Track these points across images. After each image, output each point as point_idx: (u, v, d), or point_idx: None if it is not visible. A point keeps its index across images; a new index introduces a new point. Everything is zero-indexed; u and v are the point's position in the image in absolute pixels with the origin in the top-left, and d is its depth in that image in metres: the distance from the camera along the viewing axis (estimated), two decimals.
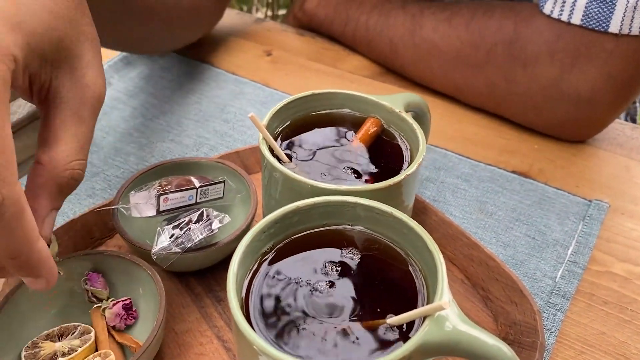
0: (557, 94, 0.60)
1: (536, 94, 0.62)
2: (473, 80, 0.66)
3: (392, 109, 0.45)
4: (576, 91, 0.59)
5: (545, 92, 0.61)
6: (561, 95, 0.60)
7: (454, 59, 0.66)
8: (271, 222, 0.36)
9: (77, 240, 0.50)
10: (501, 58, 0.62)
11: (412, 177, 0.40)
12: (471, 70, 0.65)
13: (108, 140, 0.65)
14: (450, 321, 0.30)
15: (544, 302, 0.49)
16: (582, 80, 0.58)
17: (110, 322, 0.42)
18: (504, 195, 0.59)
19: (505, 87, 0.63)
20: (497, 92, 0.64)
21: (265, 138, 0.41)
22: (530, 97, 0.62)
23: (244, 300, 0.34)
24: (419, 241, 0.35)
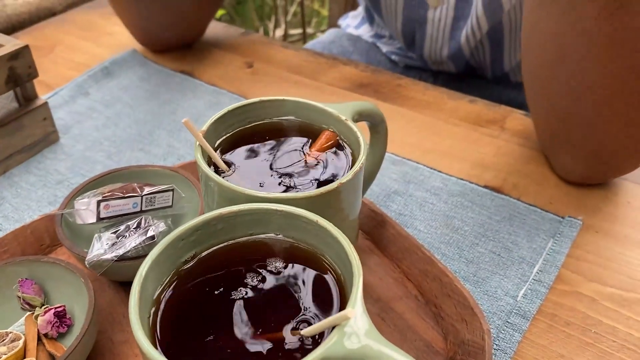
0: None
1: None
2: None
3: (340, 117, 0.44)
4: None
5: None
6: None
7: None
8: (190, 229, 0.35)
9: (26, 246, 0.50)
10: None
11: (348, 186, 0.39)
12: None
13: (77, 148, 0.65)
14: (357, 335, 0.29)
15: (502, 322, 0.47)
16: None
17: (42, 330, 0.42)
18: (472, 210, 0.57)
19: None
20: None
21: (202, 144, 0.40)
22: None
23: (154, 313, 0.32)
24: (341, 250, 0.34)
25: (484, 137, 0.66)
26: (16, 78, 0.59)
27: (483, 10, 0.79)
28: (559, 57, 0.50)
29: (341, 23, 1.16)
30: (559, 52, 0.50)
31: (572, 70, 0.50)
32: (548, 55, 0.52)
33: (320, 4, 2.45)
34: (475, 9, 0.80)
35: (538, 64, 0.54)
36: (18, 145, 0.61)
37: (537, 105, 0.59)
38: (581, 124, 0.53)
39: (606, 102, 0.49)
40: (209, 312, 0.33)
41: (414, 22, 0.87)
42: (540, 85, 0.56)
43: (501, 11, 0.80)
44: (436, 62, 0.93)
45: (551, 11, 0.49)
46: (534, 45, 0.54)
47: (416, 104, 0.72)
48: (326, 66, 0.79)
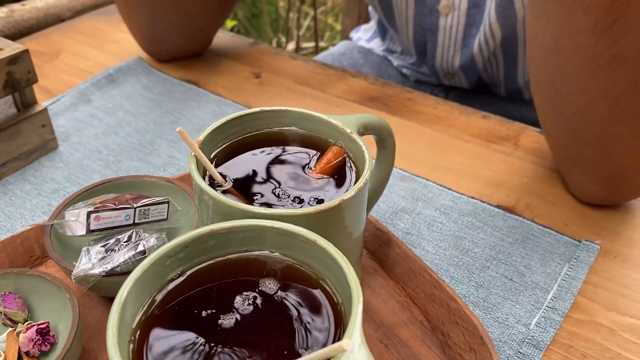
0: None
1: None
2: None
3: (344, 130, 0.41)
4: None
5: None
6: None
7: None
8: (179, 246, 0.32)
9: (14, 257, 0.48)
10: None
11: (351, 203, 0.36)
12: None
13: (76, 156, 0.63)
14: None
15: (513, 352, 0.44)
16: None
17: (23, 347, 0.39)
18: (484, 231, 0.54)
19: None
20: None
21: (197, 155, 0.38)
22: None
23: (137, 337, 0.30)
24: (341, 274, 0.31)
25: (496, 155, 0.64)
26: (14, 83, 0.57)
27: (496, 17, 0.77)
28: (559, 72, 0.48)
29: (353, 36, 1.14)
30: (558, 66, 0.47)
31: (573, 85, 0.47)
32: (548, 69, 0.49)
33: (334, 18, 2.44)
34: (488, 16, 0.78)
35: (541, 79, 0.52)
36: (14, 152, 0.59)
37: (547, 122, 0.56)
38: (592, 142, 0.50)
39: (613, 119, 0.46)
40: (195, 337, 0.30)
41: (426, 30, 0.85)
42: (546, 101, 0.53)
43: (515, 19, 0.78)
44: (448, 74, 0.91)
45: (548, 23, 0.46)
46: (535, 58, 0.51)
47: (426, 119, 0.69)
48: (335, 78, 0.77)
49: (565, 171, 0.57)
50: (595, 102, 0.46)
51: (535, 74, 0.52)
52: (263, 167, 0.41)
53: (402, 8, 0.85)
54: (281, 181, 0.40)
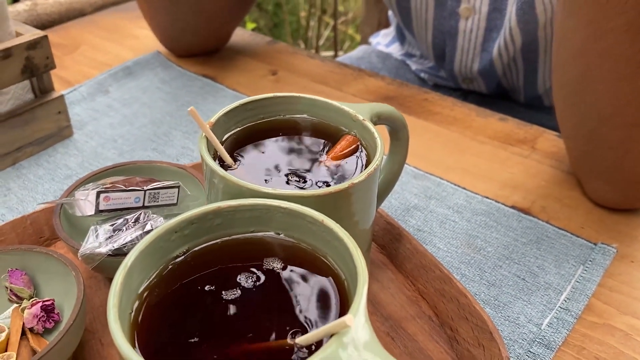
0: None
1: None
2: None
3: (357, 117, 0.41)
4: None
5: None
6: None
7: None
8: (185, 222, 0.32)
9: (24, 238, 0.48)
10: None
11: (360, 187, 0.36)
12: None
13: (90, 144, 0.63)
14: (356, 347, 0.25)
15: (523, 351, 0.42)
16: None
17: (27, 324, 0.39)
18: (497, 230, 0.53)
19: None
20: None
21: (207, 136, 0.38)
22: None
23: (137, 309, 0.30)
24: (346, 253, 0.30)
25: (513, 157, 0.63)
26: (33, 68, 0.57)
27: (517, 22, 0.76)
28: (585, 75, 0.47)
29: (372, 40, 1.14)
30: (585, 69, 0.46)
31: (599, 89, 0.46)
32: (574, 72, 0.48)
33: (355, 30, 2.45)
34: (508, 20, 0.77)
35: (565, 82, 0.51)
36: (30, 138, 0.60)
37: (567, 126, 0.55)
38: (612, 147, 0.49)
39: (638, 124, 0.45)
40: (197, 313, 0.30)
41: (445, 34, 0.84)
42: (568, 105, 0.52)
43: (536, 24, 0.77)
44: (466, 78, 0.90)
45: (579, 24, 0.45)
46: (562, 60, 0.50)
47: (443, 119, 0.68)
48: (351, 77, 0.77)
49: (583, 175, 0.56)
50: (622, 106, 0.45)
51: (560, 76, 0.51)
52: (274, 152, 0.41)
53: (421, 11, 0.85)
54: (291, 166, 0.40)
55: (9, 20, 0.57)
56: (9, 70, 0.55)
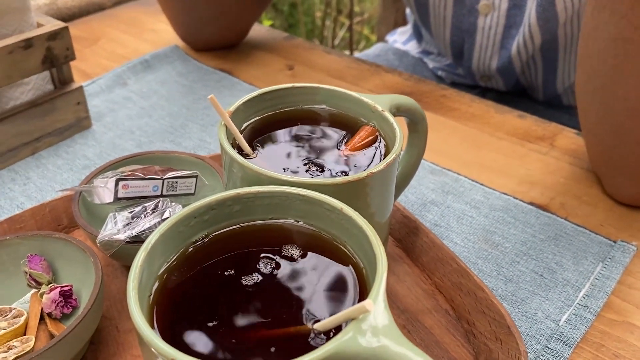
0: None
1: None
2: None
3: (376, 108, 0.41)
4: None
5: None
6: None
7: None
8: (204, 207, 0.32)
9: (42, 225, 0.48)
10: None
11: (379, 177, 0.35)
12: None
13: (108, 136, 0.63)
14: (375, 332, 0.25)
15: (541, 347, 0.42)
16: None
17: (46, 309, 0.39)
18: (515, 226, 0.53)
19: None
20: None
21: (227, 124, 0.38)
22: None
23: (156, 291, 0.30)
24: (365, 241, 0.30)
25: (531, 154, 0.62)
26: (53, 59, 0.58)
27: (536, 19, 0.75)
28: (616, 68, 0.46)
29: (389, 38, 1.14)
30: (618, 61, 0.46)
31: (632, 82, 0.45)
32: (605, 64, 0.48)
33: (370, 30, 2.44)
34: (528, 17, 0.77)
35: (593, 74, 0.50)
36: (49, 128, 0.60)
37: (591, 121, 0.54)
38: (639, 142, 0.49)
39: None
40: (216, 297, 0.30)
41: (463, 32, 0.84)
42: (594, 99, 0.52)
43: (556, 22, 0.76)
44: (485, 76, 0.89)
45: (612, 15, 0.45)
46: (591, 52, 0.50)
47: (460, 115, 0.68)
48: (368, 73, 0.76)
49: (603, 172, 0.56)
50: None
51: (588, 69, 0.51)
52: (292, 142, 0.41)
53: (439, 8, 0.84)
54: (310, 156, 0.40)
55: (30, 12, 0.58)
56: (30, 60, 0.56)
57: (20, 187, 0.56)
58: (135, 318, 0.26)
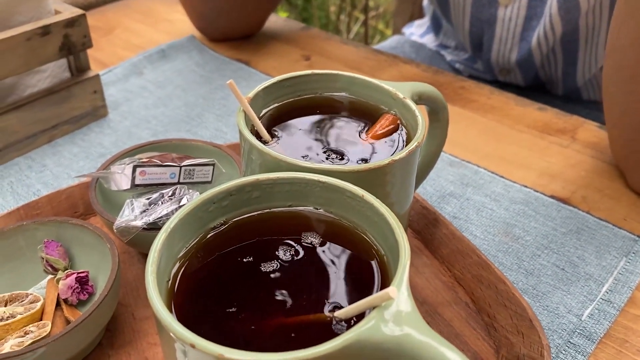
0: None
1: None
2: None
3: (397, 95, 0.40)
4: None
5: None
6: None
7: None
8: (223, 193, 0.32)
9: (59, 212, 0.48)
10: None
11: (400, 165, 0.35)
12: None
13: (124, 124, 0.63)
14: (398, 320, 0.24)
15: (563, 341, 0.41)
16: None
17: (62, 295, 0.39)
18: (536, 220, 0.52)
19: None
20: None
21: (245, 110, 0.37)
22: None
23: (174, 276, 0.29)
24: (387, 230, 0.30)
25: (552, 146, 0.61)
26: (70, 46, 0.58)
27: (558, 9, 0.74)
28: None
29: (405, 31, 1.13)
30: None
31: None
32: (636, 55, 0.46)
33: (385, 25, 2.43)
34: (549, 7, 0.75)
35: (622, 66, 0.49)
36: (65, 116, 0.60)
37: (614, 113, 0.53)
38: None
39: None
40: (235, 282, 0.29)
41: (483, 23, 0.83)
42: (621, 91, 0.50)
43: (578, 12, 0.75)
44: (503, 69, 0.88)
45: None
46: (622, 43, 0.48)
47: (479, 107, 0.67)
48: (385, 64, 0.76)
49: (627, 165, 0.54)
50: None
51: (618, 60, 0.50)
52: (312, 129, 0.40)
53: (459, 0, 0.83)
54: (329, 143, 0.39)
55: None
56: (47, 47, 0.56)
57: (37, 174, 0.56)
58: (154, 302, 0.25)
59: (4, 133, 0.56)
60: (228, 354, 0.23)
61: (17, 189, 0.54)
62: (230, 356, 0.23)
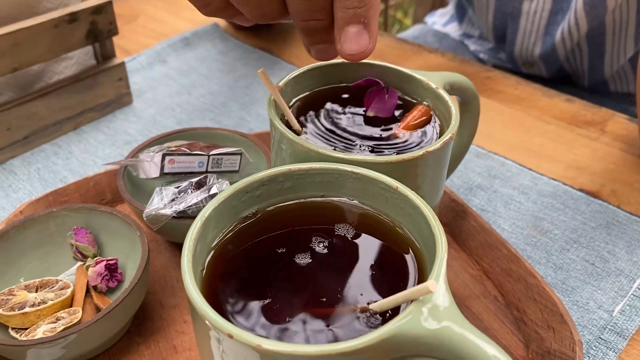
0: None
1: None
2: None
3: (429, 85, 0.39)
4: None
5: None
6: None
7: None
8: (256, 182, 0.31)
9: (87, 199, 0.48)
10: None
11: (434, 156, 0.34)
12: None
13: (149, 112, 0.63)
14: (438, 314, 0.24)
15: (593, 337, 0.41)
16: None
17: (91, 282, 0.39)
18: (564, 213, 0.51)
19: None
20: None
21: (276, 100, 0.37)
22: None
23: (208, 265, 0.29)
24: (422, 222, 0.29)
25: (580, 139, 0.60)
26: (97, 33, 0.58)
27: (583, 4, 0.73)
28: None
29: (428, 20, 1.11)
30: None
31: None
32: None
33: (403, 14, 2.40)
34: (575, 3, 0.74)
35: None
36: (91, 103, 0.60)
37: None
38: None
39: None
40: (268, 273, 0.29)
41: (507, 16, 0.81)
42: None
43: (604, 9, 0.73)
44: (527, 62, 0.87)
45: None
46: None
47: (506, 98, 0.66)
48: (410, 53, 0.75)
49: None
50: None
51: None
52: (342, 119, 0.40)
53: None
54: (360, 134, 0.38)
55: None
56: (74, 34, 0.56)
57: (63, 160, 0.56)
58: (191, 291, 0.25)
59: (31, 119, 0.56)
60: (266, 344, 0.23)
61: (44, 175, 0.54)
62: (268, 347, 0.23)
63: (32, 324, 0.36)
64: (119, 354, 0.38)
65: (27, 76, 0.57)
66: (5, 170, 0.55)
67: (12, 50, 0.51)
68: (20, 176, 0.54)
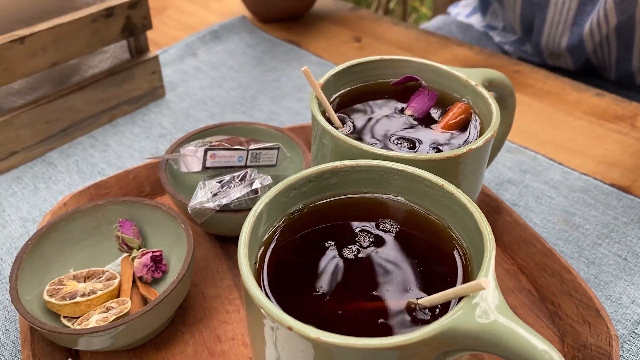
0: None
1: None
2: None
3: (468, 82, 0.40)
4: None
5: None
6: None
7: None
8: (304, 179, 0.32)
9: (127, 192, 0.49)
10: None
11: (476, 154, 0.35)
12: None
13: (182, 105, 0.64)
14: (489, 309, 0.25)
15: (627, 332, 0.41)
16: None
17: (137, 273, 0.41)
18: (596, 208, 0.51)
19: None
20: None
21: (318, 97, 0.38)
22: None
23: (260, 259, 0.30)
24: (468, 219, 0.30)
25: (610, 134, 0.60)
26: (132, 28, 0.59)
27: None
28: None
29: (451, 11, 1.11)
30: None
31: None
32: None
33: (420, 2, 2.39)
34: None
35: None
36: (125, 96, 0.61)
37: None
38: None
39: None
40: (318, 267, 0.30)
41: (535, 5, 0.81)
42: None
43: (635, 3, 0.73)
44: (553, 54, 0.86)
45: None
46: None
47: (535, 92, 0.66)
48: (438, 46, 0.75)
49: None
50: None
51: None
52: (381, 116, 0.41)
53: None
54: (400, 131, 0.39)
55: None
56: (110, 29, 0.57)
57: (100, 153, 0.57)
58: (249, 284, 0.26)
59: (69, 112, 0.57)
60: (325, 337, 0.24)
61: (82, 167, 0.56)
62: (327, 339, 0.24)
63: (82, 313, 0.38)
64: (164, 343, 0.39)
65: (64, 70, 0.58)
66: (45, 162, 0.56)
67: (53, 45, 0.52)
68: (59, 168, 0.55)
